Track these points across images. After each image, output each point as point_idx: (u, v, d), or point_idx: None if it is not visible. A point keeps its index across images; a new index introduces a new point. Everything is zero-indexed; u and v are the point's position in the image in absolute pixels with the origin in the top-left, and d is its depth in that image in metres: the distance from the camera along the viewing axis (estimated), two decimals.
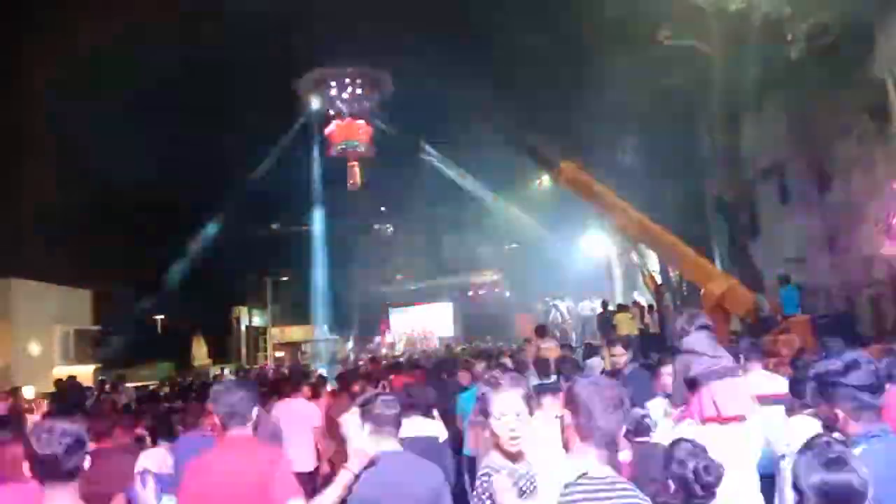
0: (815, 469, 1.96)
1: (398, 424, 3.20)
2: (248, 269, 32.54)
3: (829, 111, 15.61)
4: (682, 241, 13.91)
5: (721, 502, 2.77)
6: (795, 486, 2.00)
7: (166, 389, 14.26)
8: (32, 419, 8.11)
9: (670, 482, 2.75)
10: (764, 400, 4.56)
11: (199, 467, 3.12)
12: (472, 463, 5.52)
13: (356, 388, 7.70)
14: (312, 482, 6.31)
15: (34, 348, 22.82)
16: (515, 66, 25.09)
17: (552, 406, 4.31)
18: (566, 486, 2.25)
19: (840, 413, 2.39)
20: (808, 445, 2.06)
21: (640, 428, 4.15)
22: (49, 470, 2.36)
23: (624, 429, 2.41)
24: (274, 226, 34.13)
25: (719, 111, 18.71)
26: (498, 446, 2.61)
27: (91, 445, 2.54)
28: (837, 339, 6.25)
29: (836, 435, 2.24)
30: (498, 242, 35.84)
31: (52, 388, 13.90)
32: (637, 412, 4.23)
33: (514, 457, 2.60)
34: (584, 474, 2.26)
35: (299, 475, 3.59)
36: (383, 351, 28.84)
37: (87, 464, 2.41)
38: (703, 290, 12.46)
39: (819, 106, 15.77)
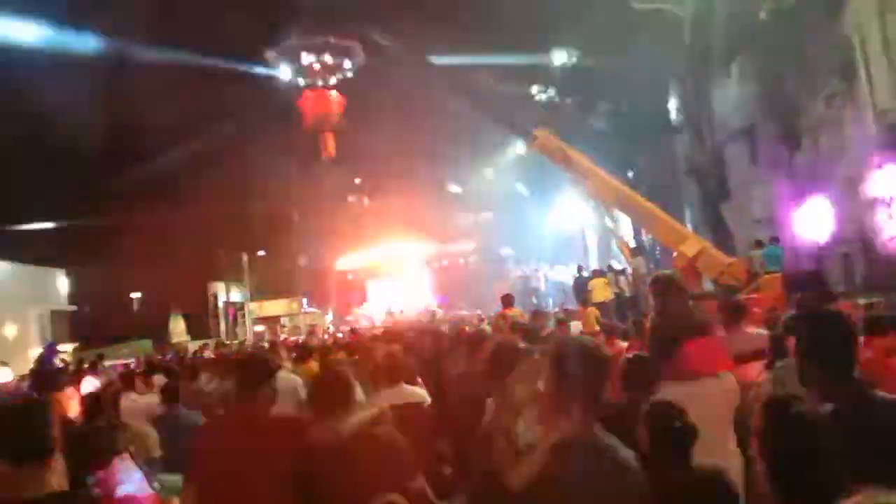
0: (778, 427, 1.99)
1: None
2: (224, 245, 32.27)
3: (797, 72, 15.75)
4: (655, 204, 14.07)
5: (698, 458, 2.82)
6: (761, 444, 2.04)
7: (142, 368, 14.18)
8: None
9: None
10: (742, 357, 4.68)
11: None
12: None
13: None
14: None
15: (10, 330, 22.56)
16: (486, 31, 24.89)
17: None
18: (553, 447, 2.28)
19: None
20: (769, 404, 2.10)
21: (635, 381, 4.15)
22: (17, 451, 2.22)
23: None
24: (249, 200, 33.79)
25: (689, 74, 18.82)
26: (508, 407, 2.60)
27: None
28: (808, 296, 6.41)
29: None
30: (473, 211, 35.89)
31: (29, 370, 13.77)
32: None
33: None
34: (571, 436, 2.28)
35: None
36: (363, 322, 28.87)
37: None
38: (675, 253, 12.65)
39: (788, 67, 15.90)
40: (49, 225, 25.71)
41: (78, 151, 24.79)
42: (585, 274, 19.62)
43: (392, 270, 36.20)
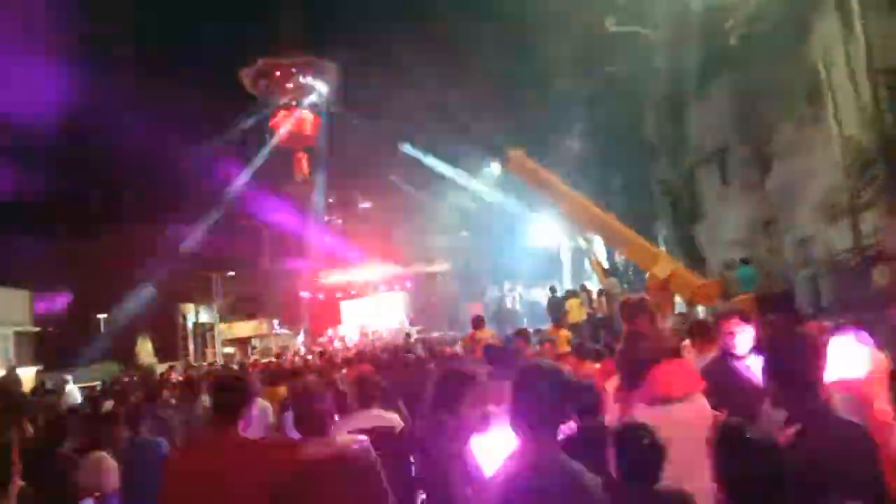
0: (730, 452, 1.98)
1: None
2: (193, 265, 31.85)
3: (769, 96, 16.03)
4: (628, 225, 14.15)
5: (670, 481, 2.79)
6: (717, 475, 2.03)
7: (117, 387, 13.86)
8: None
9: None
10: None
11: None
12: None
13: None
14: None
15: None
16: (462, 53, 25.09)
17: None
18: (516, 469, 2.25)
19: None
20: (723, 429, 2.10)
21: (587, 409, 4.14)
22: None
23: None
24: (220, 219, 33.50)
25: (664, 97, 19.06)
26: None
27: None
28: (779, 317, 6.43)
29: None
30: (448, 232, 35.90)
31: None
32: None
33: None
34: (532, 457, 2.26)
35: None
36: (336, 343, 28.59)
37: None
38: (648, 274, 12.70)
39: (760, 91, 16.17)
40: (11, 243, 25.20)
41: (46, 170, 24.41)
42: (559, 294, 19.65)
43: (366, 291, 35.99)
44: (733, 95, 17.33)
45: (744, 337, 4.35)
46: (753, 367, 4.18)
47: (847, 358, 4.08)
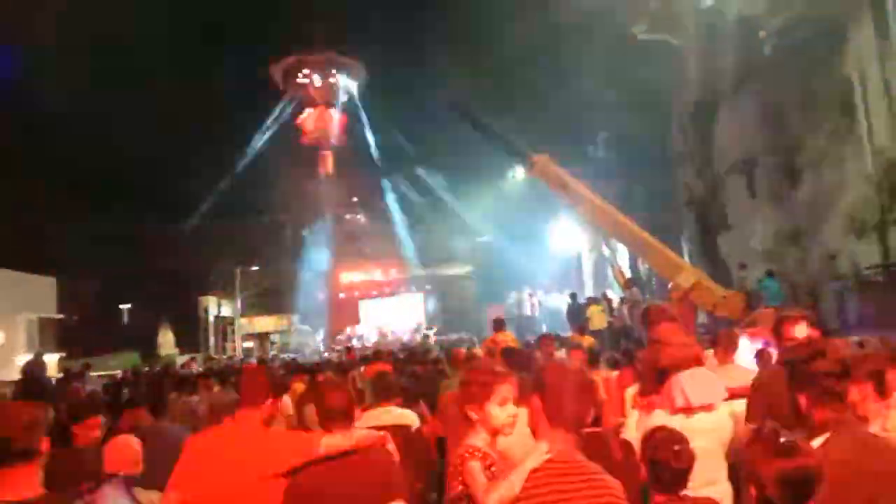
0: (769, 458, 1.98)
1: None
2: (216, 258, 32.17)
3: (800, 107, 15.85)
4: (652, 234, 14.05)
5: (691, 490, 2.79)
6: (752, 478, 2.02)
7: (136, 376, 14.06)
8: None
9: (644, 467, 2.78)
10: (735, 393, 4.61)
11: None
12: None
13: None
14: None
15: None
16: (490, 57, 25.10)
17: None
18: (533, 470, 2.25)
19: (804, 400, 2.43)
20: (757, 436, 2.09)
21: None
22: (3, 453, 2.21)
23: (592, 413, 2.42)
24: (244, 214, 33.81)
25: (692, 106, 18.91)
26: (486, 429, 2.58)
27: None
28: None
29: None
30: (470, 234, 35.89)
31: (15, 377, 13.61)
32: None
33: (492, 441, 2.59)
34: (551, 458, 2.26)
35: None
36: (354, 342, 28.71)
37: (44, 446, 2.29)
38: (671, 284, 12.60)
39: (790, 102, 16.00)
40: (41, 230, 25.64)
41: (76, 159, 24.81)
42: (580, 301, 19.56)
43: (385, 291, 36.09)
44: (763, 105, 17.15)
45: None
46: None
47: None
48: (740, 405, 4.42)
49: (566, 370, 2.39)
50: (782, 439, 2.00)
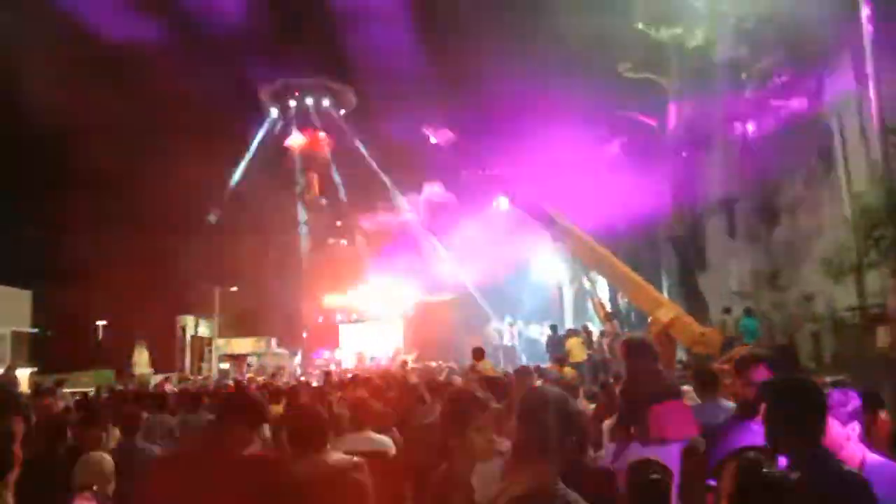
0: (748, 489, 2.00)
1: None
2: (195, 277, 31.87)
3: (779, 150, 16.15)
4: (632, 268, 14.15)
5: None
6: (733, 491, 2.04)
7: (105, 395, 13.82)
8: None
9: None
10: (711, 430, 4.63)
11: None
12: None
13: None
14: None
15: None
16: (475, 91, 25.35)
17: None
18: (513, 499, 2.24)
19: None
20: (741, 465, 2.11)
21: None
22: None
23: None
24: (226, 234, 33.62)
25: (674, 144, 19.19)
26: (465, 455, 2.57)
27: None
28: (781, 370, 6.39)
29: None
30: (450, 263, 35.91)
31: None
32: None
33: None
34: (532, 489, 2.24)
35: None
36: (332, 367, 28.47)
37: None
38: (650, 318, 12.67)
39: (770, 144, 16.30)
40: (17, 242, 25.36)
41: (56, 172, 24.63)
42: (560, 332, 19.59)
43: (365, 316, 35.90)
44: (743, 147, 17.46)
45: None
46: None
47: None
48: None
49: (550, 397, 2.39)
50: (764, 469, 2.02)
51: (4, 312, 24.30)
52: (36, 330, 26.09)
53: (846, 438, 2.76)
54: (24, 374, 19.80)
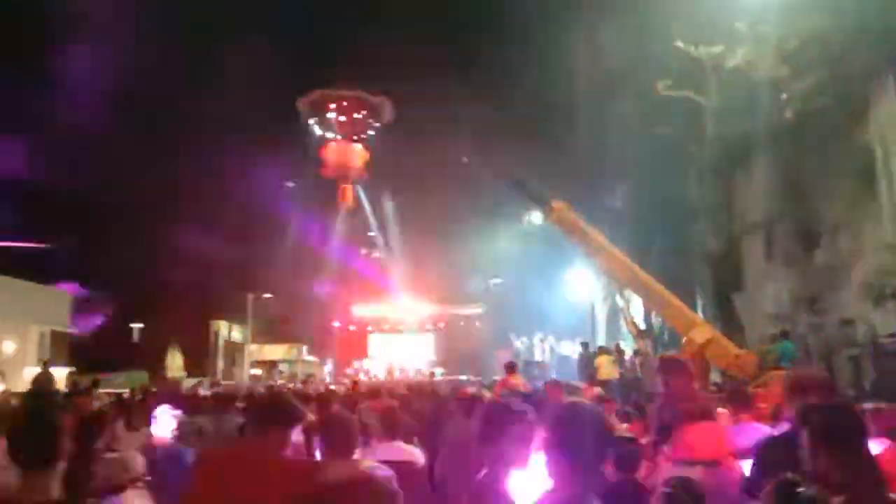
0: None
1: None
2: (230, 284, 32.33)
3: (820, 172, 15.88)
4: (667, 288, 14.00)
5: None
6: None
7: (139, 397, 14.04)
8: None
9: None
10: (745, 452, 4.56)
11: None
12: None
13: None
14: None
15: (8, 346, 22.44)
16: (514, 106, 25.40)
17: None
18: None
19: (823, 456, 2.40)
20: (778, 486, 2.08)
21: (626, 462, 3.99)
22: (25, 456, 2.32)
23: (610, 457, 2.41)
24: (261, 241, 34.06)
25: (711, 163, 18.98)
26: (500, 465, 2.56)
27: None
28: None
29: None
30: (483, 277, 35.88)
31: (23, 388, 13.65)
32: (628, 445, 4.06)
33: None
34: (567, 497, 2.24)
35: None
36: (361, 377, 28.59)
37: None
38: (685, 339, 12.51)
39: (810, 166, 16.03)
40: (59, 244, 25.97)
41: (100, 179, 25.23)
42: (591, 350, 19.42)
43: (396, 327, 36.03)
44: (783, 168, 17.19)
45: None
46: None
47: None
48: (749, 464, 4.37)
49: (585, 410, 2.38)
50: (801, 490, 1.99)
51: (46, 312, 24.89)
52: (74, 330, 26.66)
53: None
54: (61, 374, 20.23)
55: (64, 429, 2.35)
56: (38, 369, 17.93)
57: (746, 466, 4.37)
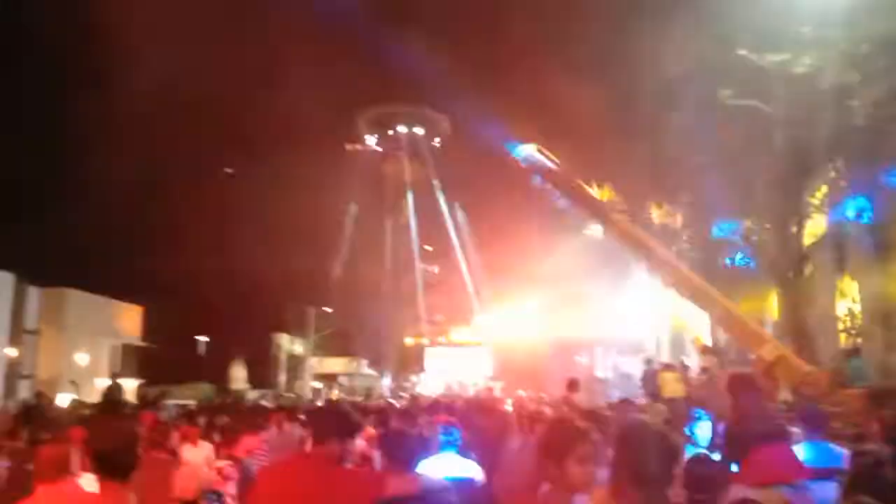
0: None
1: None
2: (292, 299, 32.92)
3: (894, 181, 15.25)
4: (734, 303, 13.62)
5: None
6: None
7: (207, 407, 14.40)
8: None
9: None
10: (819, 473, 4.37)
11: None
12: None
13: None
14: None
15: (82, 359, 23.32)
16: (574, 116, 25.17)
17: None
18: None
19: None
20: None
21: (704, 485, 3.72)
22: (105, 465, 2.38)
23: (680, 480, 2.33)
24: (321, 256, 34.61)
25: (778, 174, 18.41)
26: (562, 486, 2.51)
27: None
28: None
29: None
30: (541, 290, 35.52)
31: (95, 399, 14.14)
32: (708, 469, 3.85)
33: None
34: None
35: None
36: (417, 390, 28.65)
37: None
38: (753, 356, 12.13)
39: (883, 176, 15.41)
40: (132, 260, 26.91)
41: (169, 199, 26.04)
42: (655, 366, 18.99)
43: (454, 342, 36.00)
44: (855, 179, 16.54)
45: None
46: None
47: None
48: (823, 486, 4.18)
49: (651, 429, 2.31)
50: None
51: (117, 326, 25.81)
52: (145, 343, 27.53)
53: None
54: (131, 385, 20.92)
55: (139, 439, 2.42)
56: (108, 381, 18.57)
57: (822, 488, 4.19)
